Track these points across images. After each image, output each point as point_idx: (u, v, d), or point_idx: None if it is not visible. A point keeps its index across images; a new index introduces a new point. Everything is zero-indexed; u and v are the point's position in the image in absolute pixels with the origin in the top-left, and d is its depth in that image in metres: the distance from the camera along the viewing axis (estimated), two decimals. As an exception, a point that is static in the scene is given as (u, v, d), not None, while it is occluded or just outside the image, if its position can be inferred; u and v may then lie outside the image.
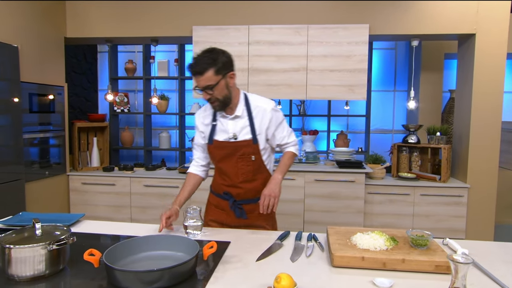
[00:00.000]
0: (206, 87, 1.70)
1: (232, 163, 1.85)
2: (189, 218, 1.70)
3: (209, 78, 1.68)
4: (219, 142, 1.85)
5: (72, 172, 4.04)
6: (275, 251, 1.53)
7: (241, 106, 1.85)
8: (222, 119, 1.86)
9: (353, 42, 3.54)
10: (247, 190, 1.89)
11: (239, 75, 3.70)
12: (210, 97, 1.73)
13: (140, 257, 1.38)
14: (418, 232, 1.48)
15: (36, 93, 3.59)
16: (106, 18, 3.96)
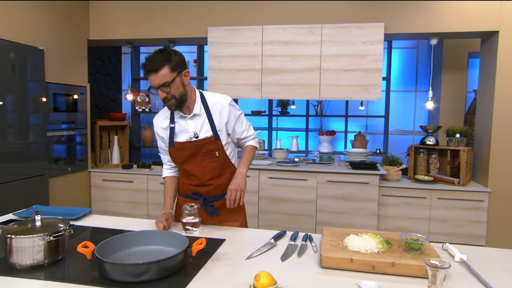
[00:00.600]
0: (162, 85, 1.67)
1: (197, 163, 1.85)
2: (187, 215, 1.73)
3: (164, 75, 1.66)
4: (180, 143, 1.84)
5: (94, 169, 4.20)
6: (267, 251, 1.53)
7: (198, 104, 1.83)
8: (181, 120, 1.84)
9: (367, 41, 3.47)
10: (216, 187, 1.89)
11: (253, 75, 3.73)
12: (166, 95, 1.70)
13: (133, 251, 1.42)
14: (413, 236, 1.44)
15: (60, 93, 3.76)
16: (126, 20, 4.08)
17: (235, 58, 3.76)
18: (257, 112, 4.72)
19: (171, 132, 1.85)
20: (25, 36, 3.33)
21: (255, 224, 3.74)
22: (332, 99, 4.00)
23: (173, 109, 1.78)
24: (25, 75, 3.29)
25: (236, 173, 1.84)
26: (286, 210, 3.66)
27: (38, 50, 3.43)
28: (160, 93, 1.70)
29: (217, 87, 3.84)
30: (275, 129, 5.14)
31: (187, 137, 1.82)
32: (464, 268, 1.38)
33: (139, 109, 5.09)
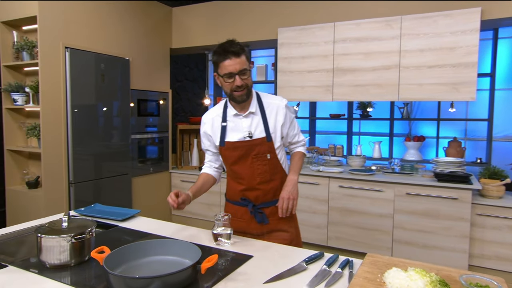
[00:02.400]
0: (242, 71, 1.60)
1: (247, 164, 1.74)
2: (218, 226, 1.61)
3: (244, 62, 1.61)
4: (231, 143, 1.74)
5: (174, 170, 4.40)
6: (293, 275, 1.31)
7: (255, 102, 1.75)
8: (235, 118, 1.75)
9: (458, 31, 2.91)
10: (265, 192, 1.76)
11: (324, 75, 3.46)
12: (242, 83, 1.62)
13: (147, 260, 1.35)
14: (481, 281, 1.08)
15: (144, 98, 4.03)
16: (204, 27, 4.19)
17: (305, 59, 3.54)
18: (335, 115, 4.40)
19: (222, 131, 1.76)
20: (115, 48, 3.65)
21: (324, 236, 3.45)
22: (412, 100, 3.49)
23: (243, 99, 1.68)
24: (113, 83, 3.60)
25: (288, 180, 1.73)
26: (358, 223, 3.30)
27: (124, 60, 3.73)
28: (238, 79, 1.61)
29: (287, 90, 3.67)
30: (356, 133, 4.73)
31: (239, 136, 1.73)
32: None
33: (220, 113, 5.20)
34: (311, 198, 3.48)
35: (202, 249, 1.51)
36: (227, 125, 1.76)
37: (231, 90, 1.65)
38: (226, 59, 1.58)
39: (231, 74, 1.60)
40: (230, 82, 1.62)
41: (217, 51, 1.63)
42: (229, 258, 1.45)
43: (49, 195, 3.12)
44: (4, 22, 3.23)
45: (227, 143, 1.74)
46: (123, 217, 1.93)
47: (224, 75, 1.62)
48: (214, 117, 1.80)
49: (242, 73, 1.60)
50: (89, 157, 3.39)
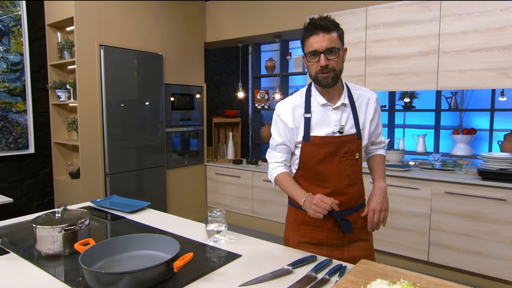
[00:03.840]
0: (330, 49, 1.37)
1: (334, 164, 1.49)
2: (211, 222, 1.55)
3: (334, 39, 1.38)
4: (320, 138, 1.48)
5: (209, 163, 4.44)
6: (274, 279, 1.22)
7: (345, 93, 1.51)
8: (323, 109, 1.49)
9: (510, 7, 2.52)
10: (351, 197, 1.52)
11: (355, 64, 3.23)
12: (328, 64, 1.37)
13: (129, 255, 1.33)
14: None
15: (178, 92, 4.09)
16: (237, 20, 4.14)
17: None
18: (375, 107, 4.12)
19: (306, 123, 1.49)
20: (148, 44, 3.74)
21: (355, 234, 3.24)
22: (453, 89, 3.12)
23: (328, 83, 1.42)
24: (147, 79, 3.70)
25: (376, 188, 1.53)
26: (391, 223, 3.04)
27: (158, 55, 3.81)
28: (323, 59, 1.37)
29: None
30: (400, 126, 4.40)
31: (328, 131, 1.48)
32: None
33: (258, 106, 5.15)
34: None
35: (194, 245, 1.49)
36: (312, 117, 1.50)
37: (316, 73, 1.41)
38: (313, 35, 1.38)
39: (316, 52, 1.37)
40: (314, 62, 1.39)
41: (305, 26, 1.42)
42: (215, 257, 1.40)
43: (87, 185, 3.30)
44: (50, 25, 3.46)
45: (314, 137, 1.49)
46: (132, 209, 1.96)
47: (308, 53, 1.40)
48: (294, 107, 1.52)
49: (329, 51, 1.37)
50: (124, 150, 3.53)
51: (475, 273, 2.75)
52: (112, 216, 1.92)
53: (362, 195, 1.58)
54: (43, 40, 3.46)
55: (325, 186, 1.50)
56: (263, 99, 5.13)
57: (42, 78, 3.47)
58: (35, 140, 3.44)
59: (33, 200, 3.48)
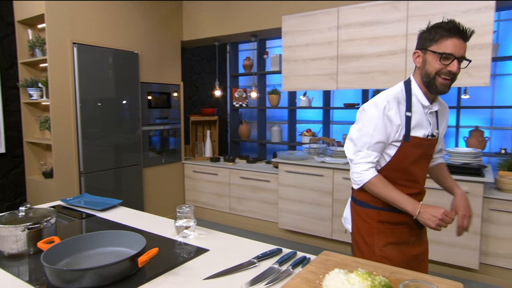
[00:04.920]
0: (463, 58, 1.37)
1: (422, 165, 1.54)
2: (179, 218, 1.55)
3: (465, 49, 1.38)
4: (419, 139, 1.47)
5: (187, 161, 4.41)
6: (238, 271, 1.23)
7: (439, 98, 1.56)
8: (422, 110, 1.47)
9: (471, 9, 2.62)
10: (423, 196, 1.60)
11: (328, 63, 3.28)
12: (458, 71, 1.38)
13: (98, 252, 1.32)
14: (422, 285, 0.94)
15: (155, 91, 4.05)
16: (214, 18, 4.13)
17: (309, 46, 3.36)
18: (350, 104, 4.18)
19: (408, 122, 1.45)
20: (123, 42, 3.68)
21: (329, 229, 3.30)
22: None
23: (445, 91, 1.42)
24: (122, 77, 3.64)
25: (461, 195, 1.54)
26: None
27: (133, 54, 3.75)
28: (456, 66, 1.35)
29: (292, 79, 3.53)
30: (373, 123, 4.48)
31: (424, 133, 1.48)
32: None
33: (236, 104, 5.15)
34: (316, 190, 3.34)
35: (162, 241, 1.49)
36: (412, 117, 1.46)
37: (437, 74, 1.38)
38: (452, 38, 1.34)
39: (451, 56, 1.34)
40: (444, 63, 1.36)
41: (440, 26, 1.38)
42: (183, 252, 1.40)
43: (61, 185, 3.23)
44: (20, 21, 3.35)
45: (414, 138, 1.46)
46: (102, 207, 1.93)
47: (442, 53, 1.35)
48: (399, 102, 1.45)
49: (461, 60, 1.37)
50: (99, 148, 3.47)
51: (435, 261, 2.85)
52: (82, 214, 1.89)
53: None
54: (13, 37, 3.35)
55: (413, 187, 1.51)
56: (241, 98, 5.13)
57: (12, 76, 3.36)
58: (6, 139, 3.33)
59: (4, 200, 3.37)
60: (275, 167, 3.84)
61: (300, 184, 3.44)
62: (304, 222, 3.44)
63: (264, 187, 3.77)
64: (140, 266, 1.17)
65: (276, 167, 3.81)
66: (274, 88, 4.74)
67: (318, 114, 4.70)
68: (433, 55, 1.37)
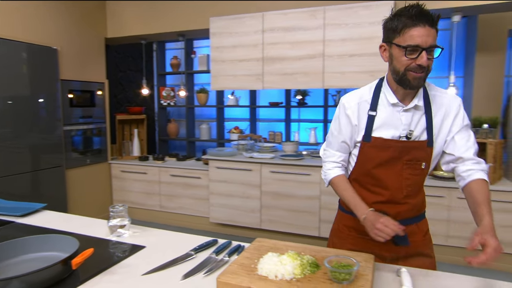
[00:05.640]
0: (432, 47, 1.15)
1: (395, 171, 1.29)
2: (113, 218, 1.48)
3: (435, 36, 1.15)
4: (382, 140, 1.28)
5: (113, 161, 4.17)
6: (176, 264, 1.23)
7: (421, 93, 1.28)
8: (392, 109, 1.28)
9: (375, 22, 2.93)
10: (411, 207, 1.31)
11: (254, 64, 3.38)
12: (428, 63, 1.16)
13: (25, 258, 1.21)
14: (344, 259, 1.05)
15: (77, 89, 3.74)
16: (140, 17, 3.95)
17: (236, 48, 3.43)
18: (274, 103, 4.35)
19: (369, 121, 1.29)
20: (40, 37, 3.33)
21: (258, 219, 3.42)
22: (336, 88, 3.51)
23: (420, 85, 1.21)
24: (39, 74, 3.29)
25: (487, 225, 1.07)
26: (289, 206, 3.29)
27: (52, 49, 3.42)
28: (425, 57, 1.14)
29: (220, 79, 3.56)
30: (295, 120, 4.73)
31: (394, 134, 1.28)
32: (408, 309, 0.96)
33: (164, 103, 5.00)
34: (245, 183, 3.43)
35: (95, 242, 1.41)
36: (377, 116, 1.29)
37: (407, 69, 1.17)
38: (417, 26, 1.12)
39: (417, 48, 1.13)
40: (411, 58, 1.15)
41: (402, 13, 1.15)
42: (118, 251, 1.35)
43: (-33, 191, 2.82)
44: None
45: (376, 139, 1.28)
46: (23, 213, 1.75)
47: (407, 46, 1.14)
48: (360, 102, 1.31)
49: (430, 50, 1.15)
50: (13, 150, 3.10)
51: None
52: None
53: (423, 206, 1.39)
54: None
55: (380, 194, 1.32)
56: (169, 96, 5.00)
57: None
58: None
59: None
60: (206, 163, 3.84)
61: (230, 179, 3.49)
62: (235, 215, 3.51)
63: (195, 184, 3.75)
64: (74, 268, 1.10)
65: (206, 164, 3.81)
66: (202, 87, 4.72)
67: (245, 112, 4.80)
68: (398, 49, 1.17)
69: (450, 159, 1.29)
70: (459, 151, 1.26)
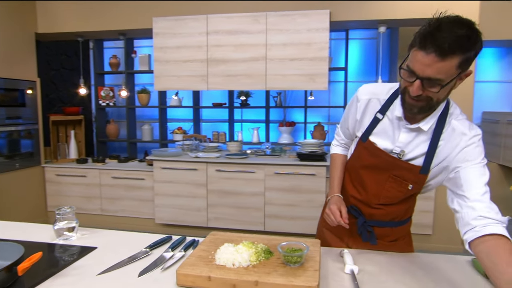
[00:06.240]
0: (430, 80, 0.96)
1: (379, 179, 1.24)
2: (59, 220, 1.40)
3: (446, 69, 0.94)
4: (374, 147, 1.23)
5: (47, 164, 3.85)
6: (132, 262, 1.21)
7: (434, 118, 1.12)
8: (395, 122, 1.18)
9: (313, 29, 3.12)
10: (385, 213, 1.29)
11: (199, 65, 3.38)
12: (419, 93, 1.00)
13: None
14: (295, 245, 1.13)
15: (2, 87, 3.39)
16: (76, 13, 3.71)
17: (180, 49, 3.40)
18: (218, 104, 4.37)
19: (373, 123, 1.23)
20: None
21: (204, 218, 3.42)
22: (278, 89, 3.66)
23: (413, 113, 1.09)
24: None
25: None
26: (235, 203, 3.35)
27: (-28, 42, 3.06)
28: (416, 86, 0.98)
29: (164, 80, 3.50)
30: (238, 121, 4.80)
31: (387, 146, 1.21)
32: (351, 284, 1.07)
33: (103, 103, 4.73)
34: (191, 183, 3.41)
35: (41, 246, 1.32)
36: (382, 121, 1.21)
37: (405, 89, 1.05)
38: (422, 50, 0.94)
39: (413, 74, 0.99)
40: (406, 81, 1.03)
41: (423, 28, 0.95)
42: (67, 253, 1.28)
43: None
44: None
45: (370, 142, 1.24)
46: (-51, 221, 1.56)
47: (406, 67, 1.01)
48: (372, 98, 1.23)
49: (428, 81, 0.97)
50: None
51: (298, 234, 3.30)
52: None
53: (404, 215, 1.33)
54: None
55: (359, 192, 1.32)
56: (108, 96, 4.75)
57: None
58: None
59: None
60: (149, 164, 3.73)
61: (176, 179, 3.44)
62: (181, 215, 3.47)
63: (139, 185, 3.62)
64: (21, 274, 1.03)
65: (150, 165, 3.71)
66: (144, 88, 4.57)
67: (188, 113, 4.75)
68: (402, 70, 1.04)
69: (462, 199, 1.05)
70: (463, 191, 1.04)
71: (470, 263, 1.22)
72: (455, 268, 1.19)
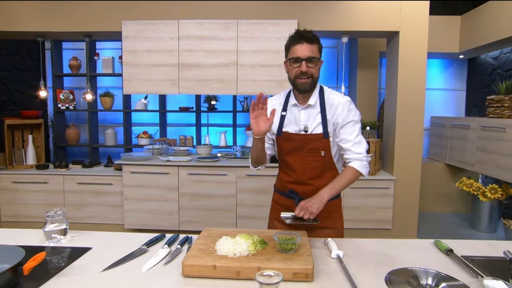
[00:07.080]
0: (311, 58, 1.48)
1: (300, 158, 1.59)
2: (50, 223, 1.41)
3: (315, 50, 1.49)
4: (288, 134, 1.60)
5: (2, 171, 3.64)
6: (133, 259, 1.27)
7: (315, 96, 1.58)
8: (294, 109, 1.60)
9: (282, 37, 3.30)
10: (315, 188, 1.55)
11: (170, 70, 3.42)
12: (308, 70, 1.48)
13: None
14: (287, 235, 1.26)
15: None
16: (36, 11, 3.57)
17: (151, 52, 3.42)
18: (184, 108, 4.41)
19: (281, 120, 1.62)
20: None
21: (176, 221, 3.45)
22: (249, 94, 3.81)
23: (306, 89, 1.52)
24: None
25: (317, 194, 1.47)
26: (207, 205, 3.42)
27: None
28: (304, 66, 1.48)
29: (134, 83, 3.48)
30: (205, 125, 4.86)
31: (296, 129, 1.60)
32: (338, 265, 1.22)
33: (62, 106, 4.55)
34: (162, 187, 3.42)
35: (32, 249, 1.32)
36: (286, 115, 1.62)
37: (295, 77, 1.51)
38: (298, 44, 1.49)
39: (298, 59, 1.48)
40: (295, 67, 1.50)
41: (291, 35, 1.54)
42: (64, 254, 1.30)
43: None
44: None
45: (284, 133, 1.61)
46: None
47: (291, 59, 1.51)
48: (275, 104, 1.65)
49: (309, 60, 1.48)
50: None
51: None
52: None
53: None
54: None
55: (290, 175, 1.64)
56: (68, 99, 4.59)
57: None
58: None
59: None
60: (117, 169, 3.68)
61: (146, 183, 3.43)
62: (152, 219, 3.46)
63: (106, 191, 3.55)
64: (26, 273, 1.06)
65: (118, 170, 3.65)
66: (107, 91, 4.48)
67: (153, 117, 4.72)
68: (289, 62, 1.53)
69: (340, 150, 1.61)
70: (342, 143, 1.56)
71: (433, 244, 1.43)
72: (421, 248, 1.40)
